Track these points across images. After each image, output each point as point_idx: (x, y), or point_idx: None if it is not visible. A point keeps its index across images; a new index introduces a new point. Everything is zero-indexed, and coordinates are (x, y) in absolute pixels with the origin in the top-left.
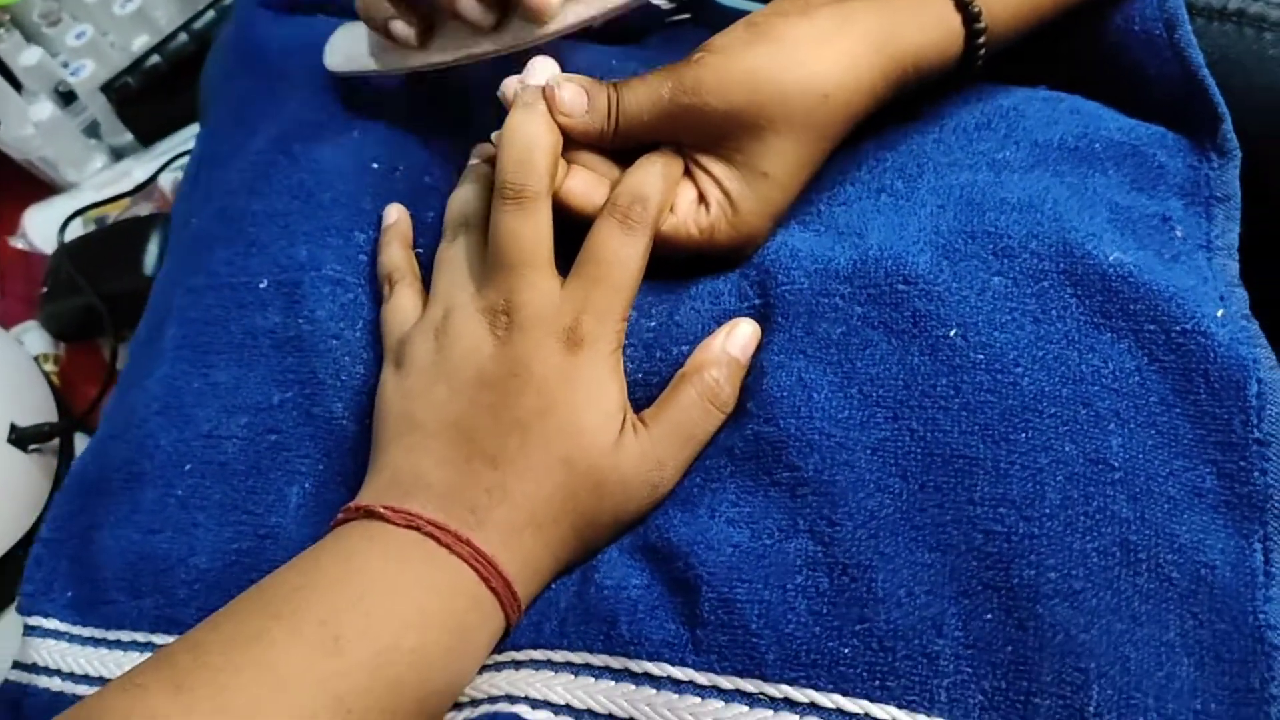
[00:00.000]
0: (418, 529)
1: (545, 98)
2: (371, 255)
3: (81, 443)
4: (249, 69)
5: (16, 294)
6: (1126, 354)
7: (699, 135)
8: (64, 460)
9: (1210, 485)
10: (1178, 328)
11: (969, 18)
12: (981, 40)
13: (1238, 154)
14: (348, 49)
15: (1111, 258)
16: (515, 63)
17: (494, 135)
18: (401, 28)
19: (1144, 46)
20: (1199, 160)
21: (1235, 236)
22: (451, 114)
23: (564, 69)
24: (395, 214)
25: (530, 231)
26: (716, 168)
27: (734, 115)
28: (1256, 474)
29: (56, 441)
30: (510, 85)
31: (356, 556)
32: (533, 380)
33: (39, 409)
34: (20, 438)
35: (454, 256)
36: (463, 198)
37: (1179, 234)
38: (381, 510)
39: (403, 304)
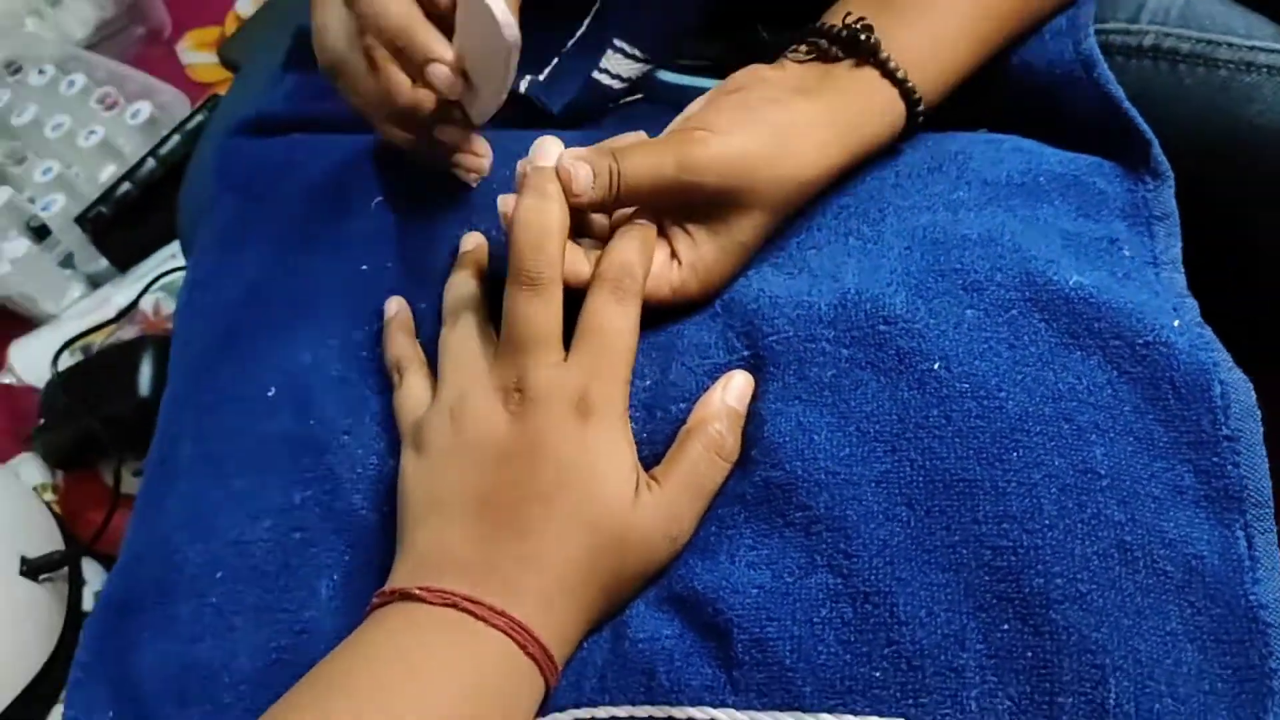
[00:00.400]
0: (454, 605)
1: (559, 178)
2: (370, 352)
3: (90, 568)
4: (234, 191)
5: (4, 430)
6: (1097, 369)
7: (688, 205)
8: (74, 586)
9: (1189, 482)
10: (1140, 340)
11: (910, 102)
12: (920, 112)
13: (1170, 175)
14: None
15: (1071, 281)
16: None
17: (503, 202)
18: (402, 135)
19: (1068, 87)
20: (1135, 184)
21: (1178, 250)
22: (432, 211)
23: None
24: (395, 306)
25: (544, 315)
26: (698, 233)
27: (727, 193)
28: (1230, 467)
29: (66, 569)
30: (520, 167)
31: (402, 636)
32: (550, 451)
33: (45, 539)
34: (32, 569)
35: (459, 341)
36: (459, 284)
37: (1127, 253)
38: (417, 591)
39: (413, 390)
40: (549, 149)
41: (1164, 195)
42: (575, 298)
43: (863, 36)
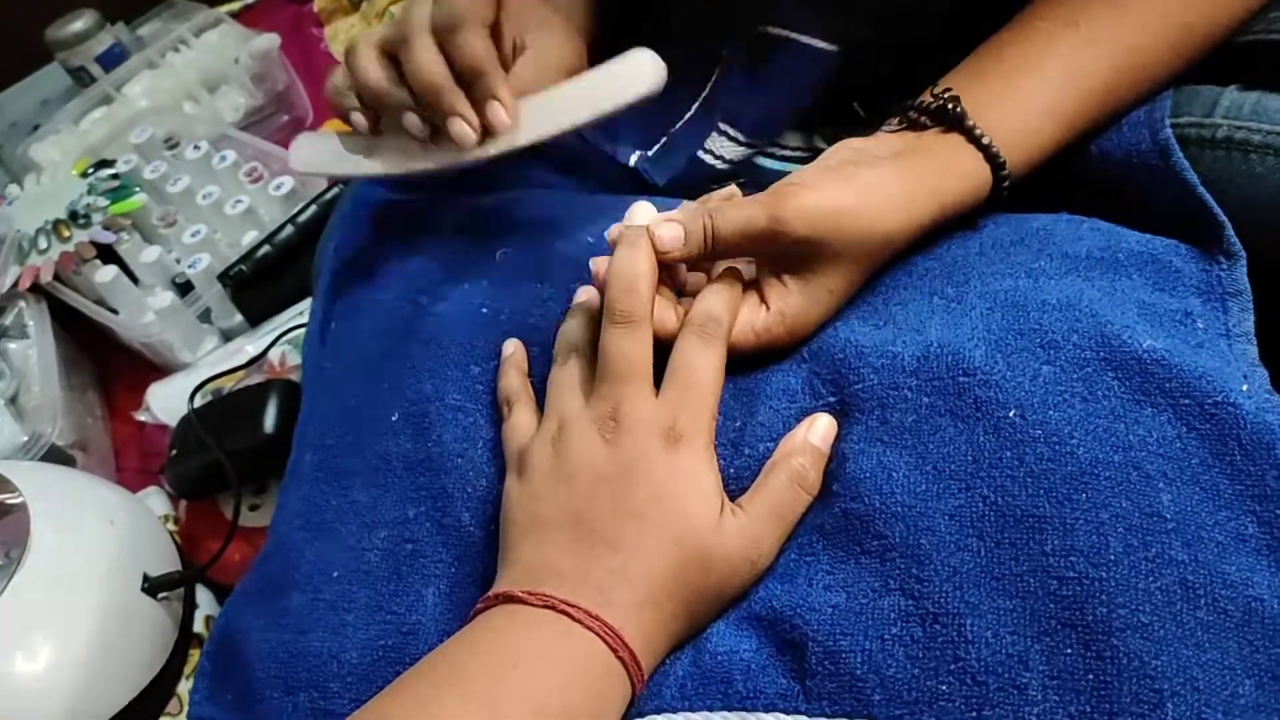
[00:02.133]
0: (553, 608)
1: (649, 236)
2: (485, 385)
3: (203, 594)
4: (374, 234)
5: (131, 467)
6: (1167, 424)
7: (780, 255)
8: (188, 608)
9: (1252, 531)
10: (1209, 401)
11: (996, 166)
12: (1005, 180)
13: (1243, 254)
14: (311, 153)
15: (1145, 345)
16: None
17: (594, 263)
18: (359, 118)
19: (1145, 175)
20: (1210, 263)
21: (1250, 325)
22: (548, 263)
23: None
24: (512, 348)
25: (635, 349)
26: (791, 281)
27: (815, 243)
28: None
29: (182, 590)
30: (613, 231)
31: (506, 633)
32: (642, 474)
33: (166, 562)
34: (152, 586)
35: (565, 378)
36: (570, 328)
37: (1200, 325)
38: (520, 594)
39: (520, 422)
40: (641, 210)
41: (1237, 273)
42: (665, 348)
43: (950, 106)
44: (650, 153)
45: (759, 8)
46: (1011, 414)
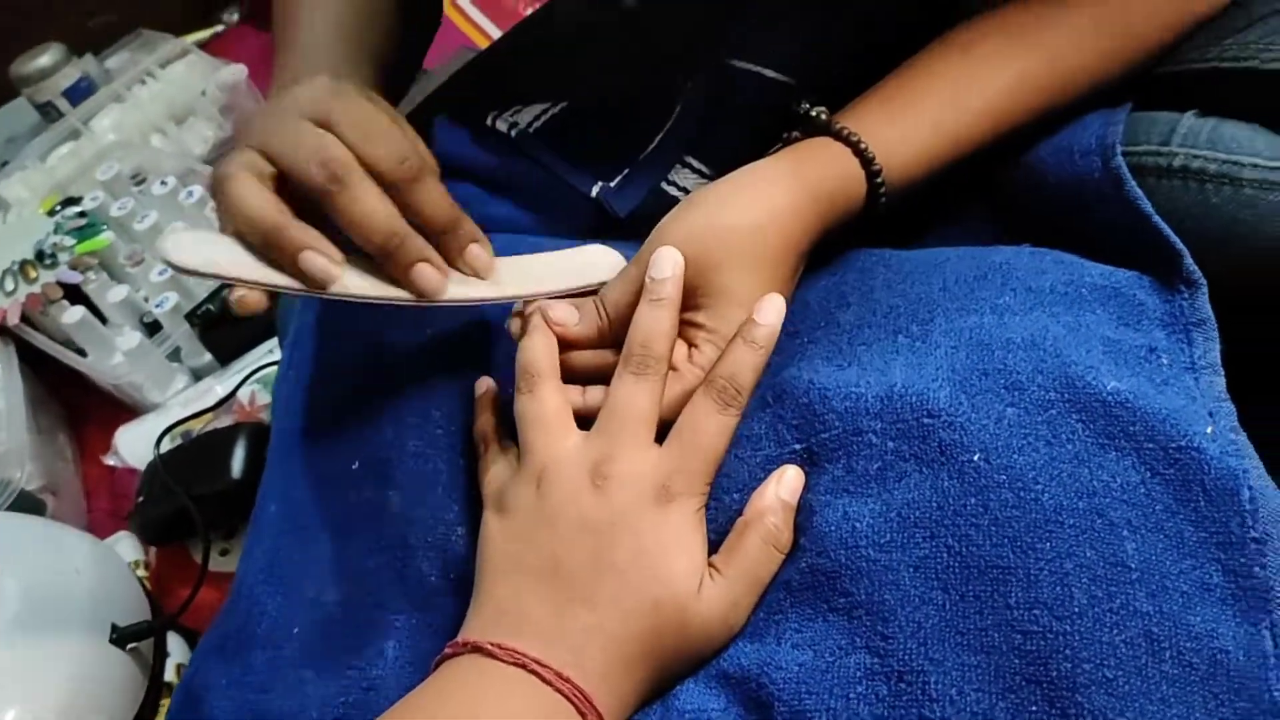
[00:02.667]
0: (524, 666)
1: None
2: (445, 430)
3: (174, 641)
4: None
5: (103, 509)
6: (1131, 469)
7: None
8: (158, 657)
9: (1217, 580)
10: (1174, 445)
11: (865, 161)
12: (880, 179)
13: (1203, 282)
14: (215, 249)
15: (1109, 387)
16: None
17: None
18: (320, 263)
19: (1099, 204)
20: (1172, 294)
21: (1216, 354)
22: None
23: None
24: (484, 386)
25: (646, 400)
26: (698, 316)
27: (692, 261)
28: (1257, 569)
29: (152, 640)
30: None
31: (474, 688)
32: (628, 529)
33: (135, 610)
34: (121, 637)
35: (539, 411)
36: (531, 348)
37: (1165, 361)
38: (489, 647)
39: (498, 459)
40: (666, 258)
41: (1199, 302)
42: None
43: (813, 113)
44: (613, 184)
45: (723, 41)
46: (976, 458)
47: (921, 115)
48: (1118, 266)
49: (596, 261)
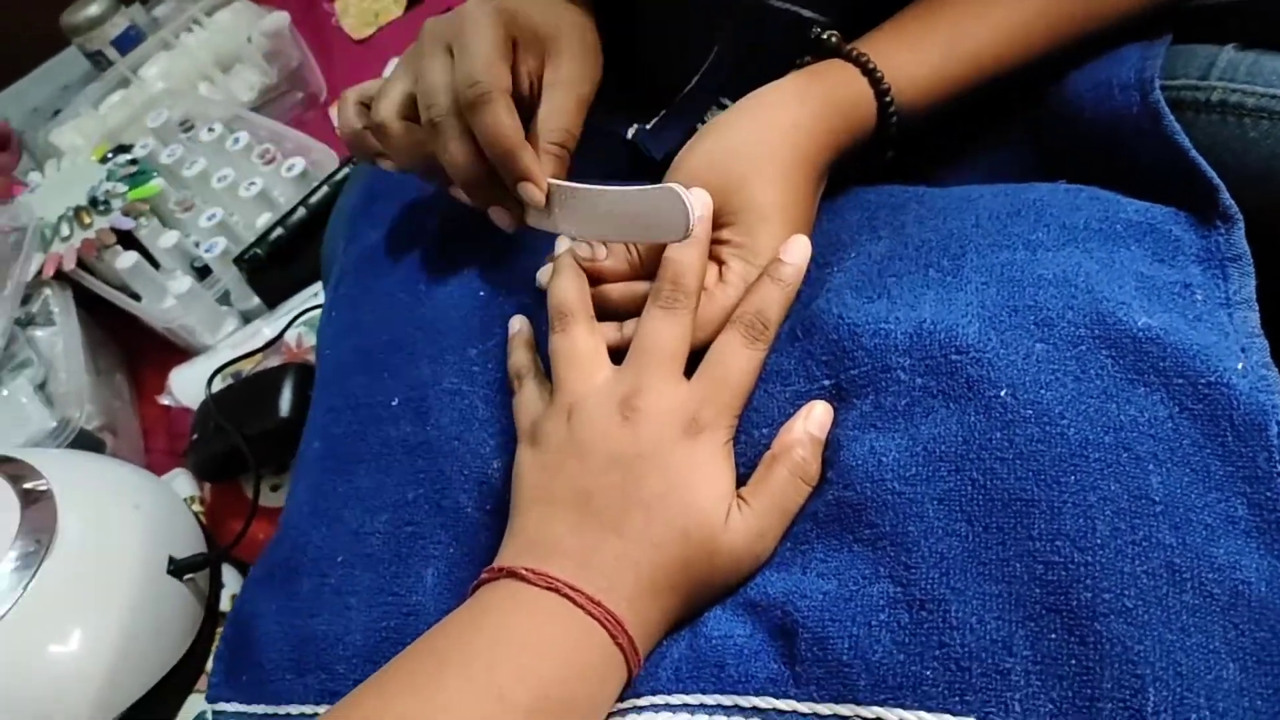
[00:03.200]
0: (556, 590)
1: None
2: (482, 367)
3: (228, 573)
4: (374, 225)
5: (160, 449)
6: (1159, 404)
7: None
8: (213, 587)
9: (1242, 513)
10: (1203, 380)
11: (874, 81)
12: (889, 97)
13: (1239, 217)
14: None
15: (1140, 323)
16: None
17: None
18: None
19: (1136, 138)
20: (1208, 230)
21: (1251, 289)
22: (546, 242)
23: None
24: (518, 324)
25: (676, 334)
26: (724, 233)
27: (712, 185)
28: None
29: (207, 571)
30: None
31: (510, 614)
32: (657, 462)
33: (191, 543)
34: (178, 568)
35: (571, 348)
36: (562, 288)
37: (1199, 297)
38: (523, 572)
39: (531, 394)
40: (696, 198)
41: (1235, 237)
42: None
43: (825, 36)
44: (649, 126)
45: None
46: (1003, 393)
47: (935, 36)
48: (1155, 202)
49: (671, 212)
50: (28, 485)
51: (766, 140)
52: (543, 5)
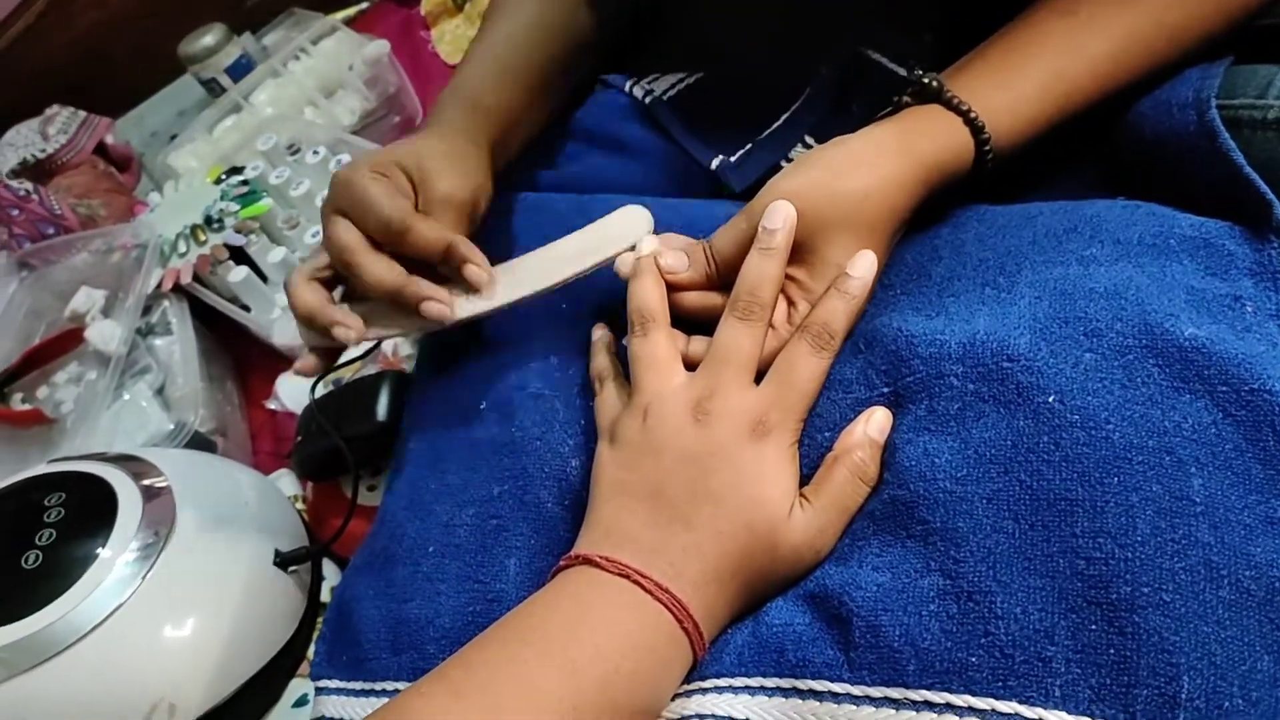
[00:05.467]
0: (627, 576)
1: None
2: (564, 373)
3: (328, 566)
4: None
5: (266, 450)
6: (1203, 410)
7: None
8: (315, 580)
9: None
10: (1247, 388)
11: (975, 130)
12: (988, 147)
13: None
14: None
15: (1187, 333)
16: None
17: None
18: (341, 332)
19: (1194, 157)
20: (1262, 243)
21: None
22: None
23: None
24: (600, 331)
25: (746, 342)
26: (799, 272)
27: (803, 218)
28: None
29: (310, 564)
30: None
31: (583, 597)
32: (726, 459)
33: (294, 538)
34: (283, 561)
35: (651, 352)
36: (643, 293)
37: (1250, 309)
38: (598, 559)
39: (611, 395)
40: (779, 210)
41: None
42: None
43: (928, 82)
44: (733, 158)
45: (862, 31)
46: (1051, 399)
47: (1029, 80)
48: (1212, 218)
49: (623, 223)
50: (148, 481)
51: (864, 192)
52: (403, 144)
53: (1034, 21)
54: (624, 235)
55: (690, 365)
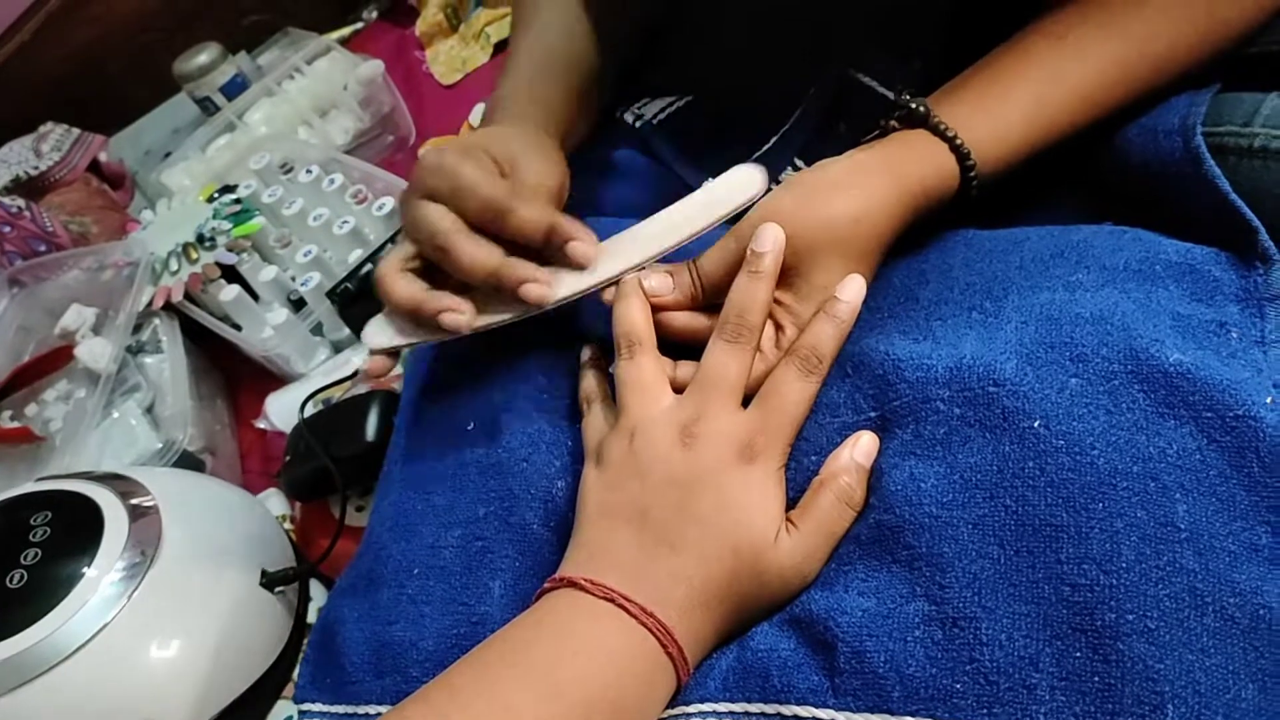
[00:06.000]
0: (612, 600)
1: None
2: (550, 394)
3: (316, 587)
4: None
5: (255, 469)
6: (1188, 437)
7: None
8: (302, 600)
9: (1266, 541)
10: (1231, 414)
11: (960, 156)
12: (973, 172)
13: (1279, 258)
14: (392, 328)
15: (1172, 359)
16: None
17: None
18: (452, 318)
19: (1179, 182)
20: (1248, 270)
21: None
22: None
23: None
24: (589, 352)
25: (734, 366)
26: (786, 296)
27: (791, 247)
28: None
29: (296, 584)
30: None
31: (568, 620)
32: (712, 483)
33: (282, 557)
34: (269, 581)
35: (637, 375)
36: (628, 316)
37: (1235, 335)
38: (583, 582)
39: (599, 417)
40: (768, 233)
41: (1274, 277)
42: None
43: (915, 107)
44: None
45: (852, 54)
46: (1036, 424)
47: (1015, 106)
48: (1198, 244)
49: (734, 185)
50: (135, 501)
51: (853, 218)
52: (485, 132)
53: (1021, 48)
54: (733, 197)
55: (678, 389)
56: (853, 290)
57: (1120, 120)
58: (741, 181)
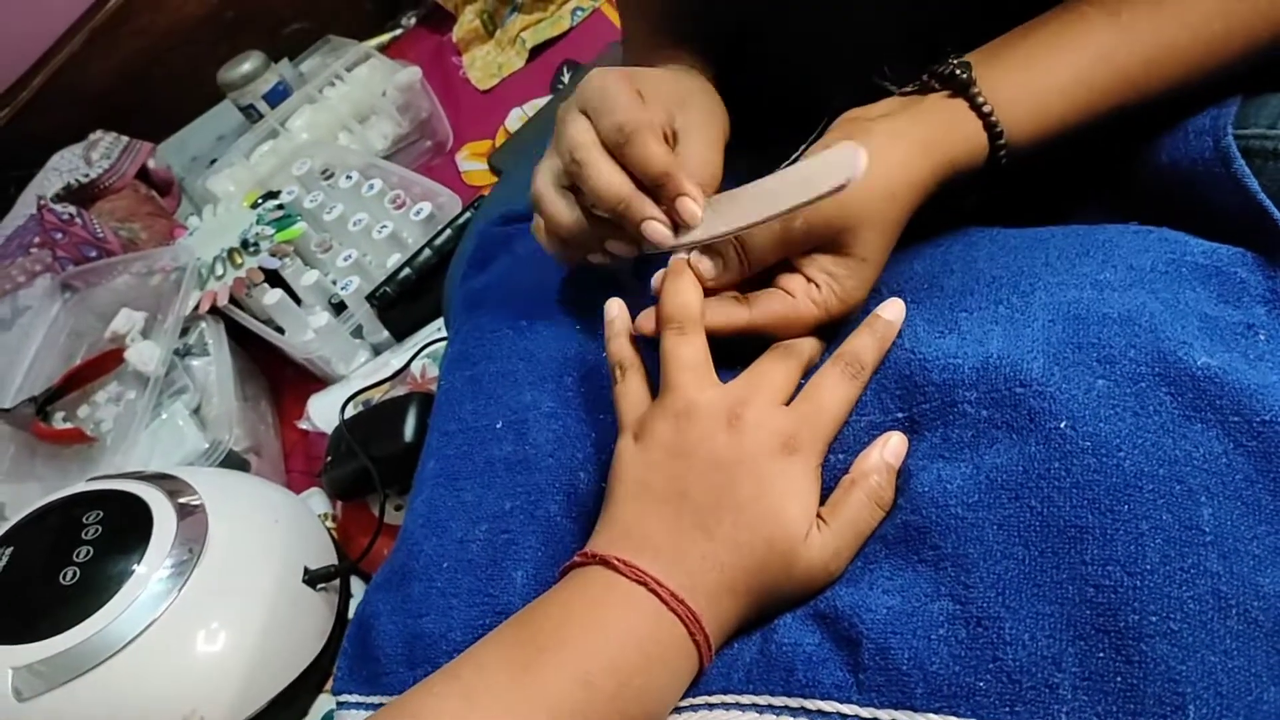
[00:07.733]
0: (645, 584)
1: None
2: (576, 393)
3: (356, 583)
4: (480, 269)
5: (298, 469)
6: (1215, 440)
7: (806, 244)
8: (343, 596)
9: None
10: (1258, 418)
11: (993, 135)
12: (1003, 143)
13: None
14: None
15: (1200, 362)
16: None
17: (654, 279)
18: (619, 246)
19: (1209, 181)
20: (1275, 271)
21: None
22: (642, 277)
23: None
24: (616, 309)
25: (785, 376)
26: (826, 260)
27: (831, 222)
28: None
29: (338, 581)
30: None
31: (600, 603)
32: (753, 470)
33: (324, 555)
34: (311, 578)
35: (691, 354)
36: (682, 293)
37: (1262, 337)
38: (616, 562)
39: (634, 389)
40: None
41: None
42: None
43: (959, 72)
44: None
45: (875, 61)
46: (1063, 425)
47: (1056, 83)
48: (1226, 244)
49: (837, 160)
50: (183, 500)
51: (889, 193)
52: (659, 71)
53: (1071, 17)
54: (834, 173)
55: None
56: (895, 312)
57: (1150, 118)
58: (845, 159)
